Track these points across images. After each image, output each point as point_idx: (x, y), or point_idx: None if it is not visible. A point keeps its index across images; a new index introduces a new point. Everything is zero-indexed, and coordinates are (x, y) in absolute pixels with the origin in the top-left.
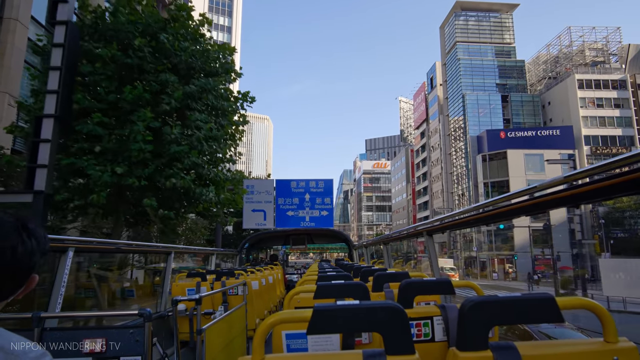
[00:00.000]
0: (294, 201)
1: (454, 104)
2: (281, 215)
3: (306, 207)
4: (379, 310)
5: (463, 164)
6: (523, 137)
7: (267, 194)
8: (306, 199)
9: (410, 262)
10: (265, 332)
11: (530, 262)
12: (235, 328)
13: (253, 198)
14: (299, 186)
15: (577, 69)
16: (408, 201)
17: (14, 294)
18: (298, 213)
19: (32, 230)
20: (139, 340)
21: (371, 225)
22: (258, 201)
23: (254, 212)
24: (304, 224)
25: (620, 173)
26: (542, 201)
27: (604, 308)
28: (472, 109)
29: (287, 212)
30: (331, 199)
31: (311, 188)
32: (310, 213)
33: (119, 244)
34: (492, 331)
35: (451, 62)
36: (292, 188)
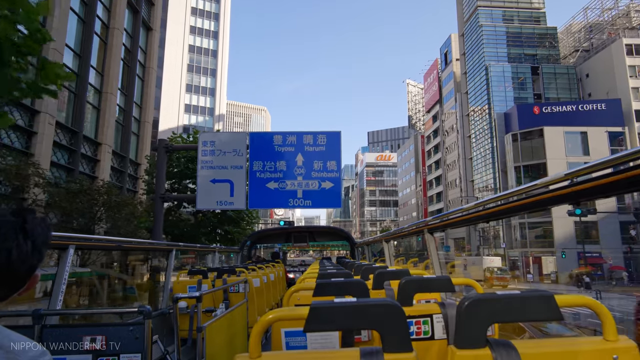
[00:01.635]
0: (279, 166)
1: (474, 78)
2: (258, 189)
3: (298, 175)
4: (375, 308)
5: (487, 147)
6: (561, 112)
7: (235, 156)
8: (298, 162)
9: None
10: (262, 330)
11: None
12: (236, 326)
13: (213, 162)
14: (287, 143)
15: (625, 33)
16: (417, 193)
17: (12, 294)
18: (284, 185)
19: (29, 232)
20: (139, 337)
21: (374, 221)
22: (221, 166)
23: (214, 185)
24: (295, 202)
25: (624, 169)
26: (541, 199)
27: (604, 306)
28: (498, 83)
29: (268, 184)
30: (338, 164)
31: (306, 146)
32: (305, 185)
33: (119, 241)
34: (492, 328)
35: (471, 30)
36: (275, 146)
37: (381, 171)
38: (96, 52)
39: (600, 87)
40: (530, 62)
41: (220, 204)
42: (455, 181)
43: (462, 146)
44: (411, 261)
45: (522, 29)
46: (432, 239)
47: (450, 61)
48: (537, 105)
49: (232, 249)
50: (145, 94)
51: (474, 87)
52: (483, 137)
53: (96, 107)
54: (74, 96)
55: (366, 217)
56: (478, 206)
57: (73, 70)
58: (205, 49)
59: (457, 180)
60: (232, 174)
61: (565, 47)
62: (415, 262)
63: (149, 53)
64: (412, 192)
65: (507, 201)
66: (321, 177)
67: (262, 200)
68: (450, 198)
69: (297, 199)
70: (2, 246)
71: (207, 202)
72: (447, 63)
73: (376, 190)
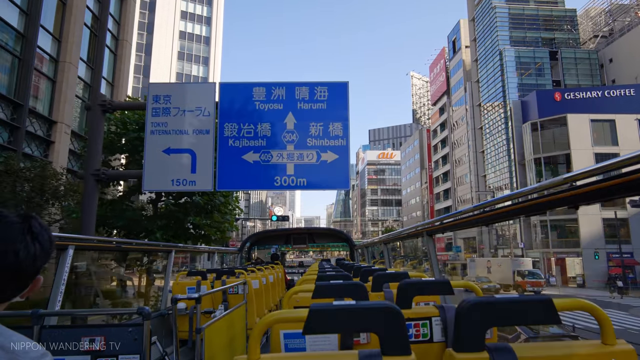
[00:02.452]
0: (261, 131)
1: (486, 65)
2: (231, 164)
3: (288, 143)
4: (374, 311)
5: (502, 138)
6: (585, 99)
7: (200, 116)
8: (288, 125)
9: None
10: (261, 332)
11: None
12: (235, 327)
13: (168, 125)
14: (274, 98)
15: None
16: (423, 191)
17: (16, 295)
18: (268, 157)
19: (37, 234)
20: (138, 338)
21: (376, 221)
22: (179, 131)
23: (169, 157)
24: (283, 180)
25: (623, 173)
26: (541, 202)
27: (602, 310)
28: (513, 69)
29: (245, 156)
30: (345, 128)
31: (300, 102)
32: (298, 157)
33: (119, 242)
34: (490, 332)
35: (482, 14)
36: (256, 103)
37: (383, 170)
38: (51, 12)
39: (626, 73)
40: (548, 47)
41: (176, 183)
42: (464, 177)
43: (473, 139)
44: (411, 263)
45: (538, 10)
46: (431, 241)
47: (459, 49)
48: (558, 91)
49: (230, 250)
50: (118, 70)
51: (486, 74)
52: (497, 128)
53: (51, 78)
54: (17, 61)
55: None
56: (477, 209)
57: (13, 27)
58: (197, 36)
59: (467, 176)
60: (194, 141)
61: (583, 33)
62: (415, 264)
63: (123, 24)
64: (416, 189)
65: (514, 202)
66: (321, 145)
67: (237, 179)
68: (460, 195)
69: (287, 176)
70: (11, 247)
71: (157, 181)
72: (456, 51)
73: (378, 189)
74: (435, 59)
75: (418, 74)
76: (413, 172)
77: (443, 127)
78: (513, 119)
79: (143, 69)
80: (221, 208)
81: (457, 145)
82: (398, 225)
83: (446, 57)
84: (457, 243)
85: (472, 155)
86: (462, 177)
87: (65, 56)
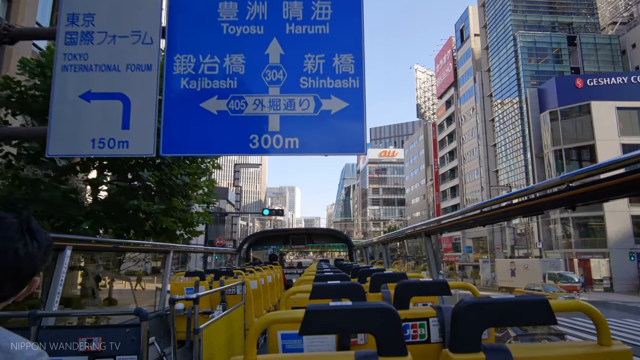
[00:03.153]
0: (231, 66)
1: (498, 52)
2: (184, 115)
3: (271, 84)
4: (371, 312)
5: (516, 130)
6: (609, 85)
7: (137, 44)
8: (271, 58)
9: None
10: (258, 332)
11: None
12: (233, 328)
13: (89, 56)
14: (250, 17)
15: None
16: (428, 188)
17: (14, 295)
18: (242, 106)
19: (35, 233)
20: (135, 339)
21: (378, 221)
22: (106, 66)
23: (88, 105)
24: (264, 141)
25: (620, 174)
26: (540, 202)
27: (599, 311)
28: (528, 56)
29: (206, 104)
30: (359, 63)
31: (290, 23)
32: (287, 105)
33: (116, 242)
34: (487, 332)
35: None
36: (224, 25)
37: (385, 168)
38: None
39: None
40: (565, 32)
41: (99, 145)
42: (473, 173)
43: (483, 132)
44: (409, 264)
45: None
46: (429, 242)
47: (468, 37)
48: (580, 77)
49: (228, 250)
50: None
51: (498, 62)
52: (511, 118)
53: None
54: None
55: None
56: (476, 209)
57: None
58: None
59: (477, 172)
60: (128, 81)
61: (602, 19)
62: (412, 264)
63: None
64: (421, 187)
65: (509, 204)
66: (322, 87)
67: (193, 138)
68: (469, 192)
69: (269, 134)
70: (11, 246)
71: (70, 141)
72: (464, 40)
73: (379, 188)
74: (441, 50)
75: (422, 68)
76: (417, 169)
77: (450, 120)
78: (529, 108)
79: None
80: (187, 191)
81: (465, 139)
82: (401, 224)
83: (453, 47)
84: (466, 243)
85: (482, 150)
86: (471, 172)
87: None
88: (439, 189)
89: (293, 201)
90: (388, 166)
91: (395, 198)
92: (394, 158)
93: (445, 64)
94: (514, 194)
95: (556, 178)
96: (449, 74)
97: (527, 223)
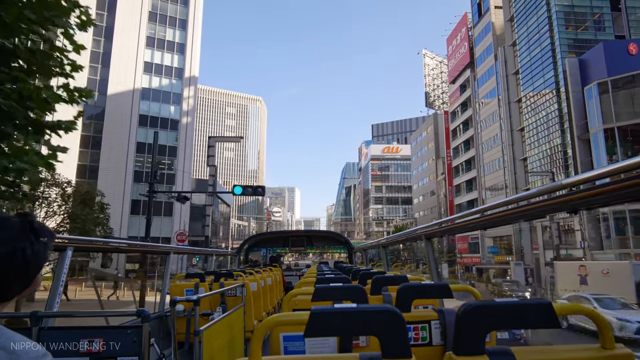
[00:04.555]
0: None
1: (527, 22)
2: None
3: None
4: (376, 314)
5: (552, 108)
6: None
7: None
8: None
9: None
10: (262, 334)
11: None
12: (233, 329)
13: None
14: None
15: None
16: (439, 183)
17: (19, 294)
18: None
19: (39, 231)
20: (136, 340)
21: (381, 220)
22: None
23: None
24: None
25: (623, 179)
26: (540, 206)
27: (601, 314)
28: (563, 23)
29: None
30: None
31: None
32: None
33: (119, 243)
34: (489, 336)
35: None
36: None
37: (388, 165)
38: None
39: None
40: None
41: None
42: (494, 163)
43: (507, 115)
44: (408, 267)
45: None
46: (430, 245)
47: (487, 10)
48: (633, 42)
49: (227, 251)
50: None
51: (526, 33)
52: (543, 96)
53: None
54: None
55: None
56: (476, 213)
57: None
58: (171, 18)
59: (499, 161)
60: None
61: None
62: (413, 267)
63: None
64: (430, 183)
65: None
66: None
67: None
68: (489, 185)
69: None
70: (19, 247)
71: None
72: (482, 14)
73: (382, 186)
74: (454, 29)
75: (431, 53)
76: (426, 162)
77: (465, 106)
78: (568, 82)
79: (105, 30)
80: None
81: (484, 126)
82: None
83: (469, 24)
84: (487, 243)
85: (506, 136)
86: (491, 163)
87: None
88: (452, 183)
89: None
90: (392, 163)
91: (399, 197)
92: (398, 154)
93: (459, 44)
94: (515, 198)
95: (558, 182)
96: (464, 54)
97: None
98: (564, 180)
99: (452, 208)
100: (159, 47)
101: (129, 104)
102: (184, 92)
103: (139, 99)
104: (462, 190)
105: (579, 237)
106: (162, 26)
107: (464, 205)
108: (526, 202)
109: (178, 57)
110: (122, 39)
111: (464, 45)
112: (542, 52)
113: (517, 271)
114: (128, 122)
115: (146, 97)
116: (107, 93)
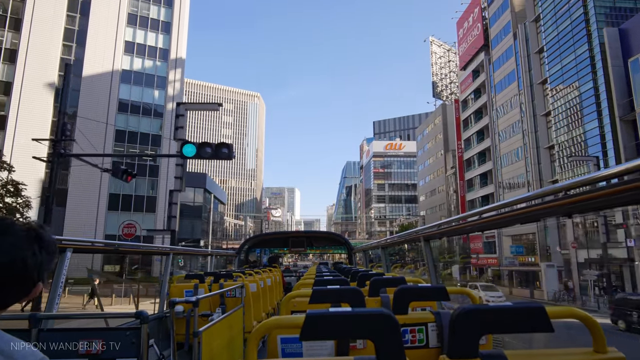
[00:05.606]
0: None
1: None
2: None
3: None
4: (370, 318)
5: (587, 86)
6: None
7: None
8: None
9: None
10: (259, 337)
11: None
12: (233, 331)
13: None
14: None
15: None
16: (448, 178)
17: (18, 301)
18: None
19: (44, 242)
20: (135, 342)
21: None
22: None
23: None
24: None
25: (621, 182)
26: (539, 209)
27: (594, 318)
28: None
29: None
30: None
31: None
32: None
33: (117, 244)
34: (485, 339)
35: None
36: None
37: (390, 163)
38: None
39: None
40: None
41: None
42: (513, 153)
43: (529, 99)
44: (408, 268)
45: None
46: (429, 247)
47: None
48: None
49: (227, 252)
50: None
51: (552, 5)
52: (575, 74)
53: None
54: None
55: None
56: (475, 215)
57: None
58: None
59: (519, 151)
60: None
61: None
62: (411, 268)
63: None
64: (439, 178)
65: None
66: None
67: None
68: (507, 178)
69: None
70: (20, 256)
71: None
72: None
73: (385, 184)
74: (465, 11)
75: (438, 40)
76: (433, 156)
77: (478, 93)
78: (608, 55)
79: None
80: None
81: (501, 113)
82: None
83: (482, 4)
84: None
85: (527, 122)
86: (509, 153)
87: None
88: (463, 177)
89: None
90: (394, 160)
91: (403, 195)
92: (401, 151)
93: (471, 26)
94: (516, 200)
95: (559, 185)
96: (477, 36)
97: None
98: (564, 183)
99: (464, 204)
100: (141, 25)
101: (107, 88)
102: (170, 75)
103: (118, 82)
104: (475, 185)
105: (622, 235)
106: (145, 2)
107: (476, 202)
108: (534, 201)
109: (163, 37)
110: (100, 15)
111: (477, 27)
112: (572, 25)
113: (550, 275)
114: (106, 107)
115: (127, 80)
116: (82, 75)
